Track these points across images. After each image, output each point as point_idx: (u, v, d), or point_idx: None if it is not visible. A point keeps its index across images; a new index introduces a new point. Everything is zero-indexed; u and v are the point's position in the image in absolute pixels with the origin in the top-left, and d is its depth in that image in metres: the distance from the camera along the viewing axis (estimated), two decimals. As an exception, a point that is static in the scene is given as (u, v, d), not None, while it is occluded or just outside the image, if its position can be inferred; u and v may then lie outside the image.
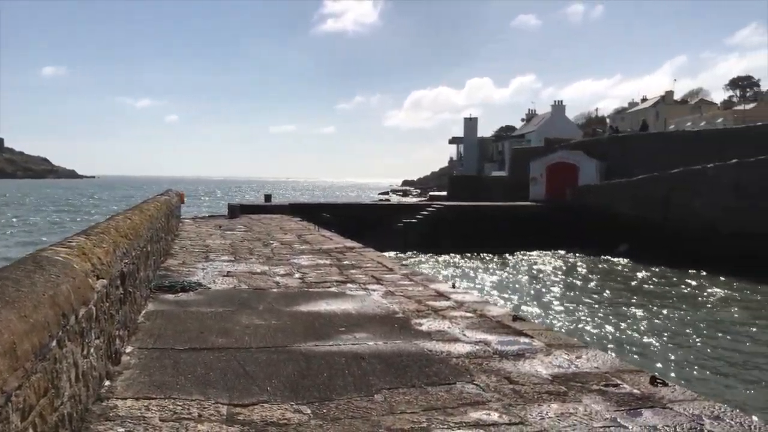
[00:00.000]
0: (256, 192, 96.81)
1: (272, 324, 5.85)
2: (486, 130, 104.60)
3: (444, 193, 65.40)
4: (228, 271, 9.15)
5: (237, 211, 22.84)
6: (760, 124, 36.88)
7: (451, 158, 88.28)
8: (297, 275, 8.89)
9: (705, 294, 19.23)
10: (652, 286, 20.68)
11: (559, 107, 72.83)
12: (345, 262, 10.36)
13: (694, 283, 20.99)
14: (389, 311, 6.53)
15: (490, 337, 5.48)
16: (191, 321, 5.90)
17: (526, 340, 5.43)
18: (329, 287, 7.97)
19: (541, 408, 3.77)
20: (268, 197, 29.99)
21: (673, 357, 12.30)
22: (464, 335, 5.55)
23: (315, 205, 29.89)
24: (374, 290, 7.76)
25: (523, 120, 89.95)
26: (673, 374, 10.92)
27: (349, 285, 8.13)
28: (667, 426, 3.52)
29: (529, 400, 3.90)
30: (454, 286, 8.30)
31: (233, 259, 10.62)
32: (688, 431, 3.45)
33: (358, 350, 5.00)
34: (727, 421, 3.59)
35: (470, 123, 74.11)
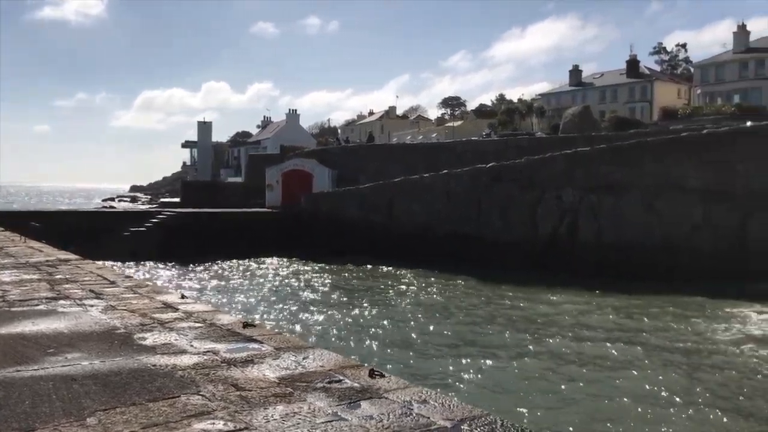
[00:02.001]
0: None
1: (-40, 352, 5.00)
2: (222, 134, 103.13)
3: (177, 200, 62.77)
4: None
5: None
6: (464, 139, 42.30)
7: (185, 163, 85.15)
8: (-4, 293, 7.74)
9: (424, 289, 21.34)
10: (377, 284, 22.30)
11: (293, 116, 74.79)
12: (58, 276, 9.31)
13: (414, 279, 23.16)
14: (109, 327, 6.02)
15: (219, 346, 5.38)
16: None
17: (256, 345, 5.45)
18: (37, 305, 7.08)
19: (266, 411, 3.80)
20: (-39, 204, 25.70)
21: (393, 348, 13.41)
22: (192, 346, 5.37)
23: (22, 212, 26.40)
24: (92, 306, 7.09)
25: (259, 126, 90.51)
26: (391, 366, 11.91)
27: (61, 301, 7.31)
28: (382, 414, 3.80)
29: (255, 405, 3.91)
30: (183, 297, 7.96)
31: None
32: (400, 416, 3.77)
33: (70, 372, 4.52)
34: (432, 403, 4.01)
35: (204, 127, 72.26)
